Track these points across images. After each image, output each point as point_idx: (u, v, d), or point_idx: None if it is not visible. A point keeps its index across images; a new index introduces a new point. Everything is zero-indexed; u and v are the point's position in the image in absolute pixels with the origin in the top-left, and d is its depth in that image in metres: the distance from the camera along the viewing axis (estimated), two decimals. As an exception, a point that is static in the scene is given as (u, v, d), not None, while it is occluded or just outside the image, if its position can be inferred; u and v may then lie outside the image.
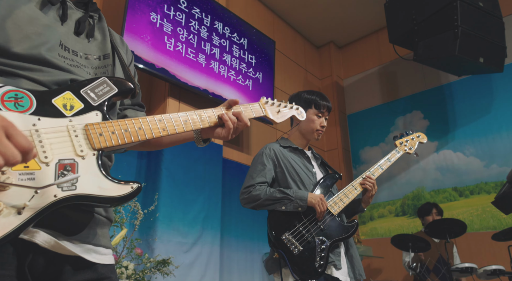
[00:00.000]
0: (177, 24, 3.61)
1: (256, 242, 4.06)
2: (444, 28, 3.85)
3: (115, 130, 0.81)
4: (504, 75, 4.36)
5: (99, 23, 1.05)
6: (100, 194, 0.74)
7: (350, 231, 1.90)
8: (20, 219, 0.64)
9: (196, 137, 1.10)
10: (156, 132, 0.88)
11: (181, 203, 3.21)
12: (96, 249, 0.86)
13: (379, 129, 5.50)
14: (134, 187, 0.78)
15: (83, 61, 0.94)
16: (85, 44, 0.97)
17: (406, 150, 2.22)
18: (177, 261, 2.72)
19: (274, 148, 2.06)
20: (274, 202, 1.87)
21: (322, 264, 1.76)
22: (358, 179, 2.06)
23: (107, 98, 0.84)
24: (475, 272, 3.32)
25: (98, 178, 0.75)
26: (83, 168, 0.74)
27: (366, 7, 5.45)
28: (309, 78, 5.95)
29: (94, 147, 0.77)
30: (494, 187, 4.31)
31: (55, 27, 0.90)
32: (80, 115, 0.79)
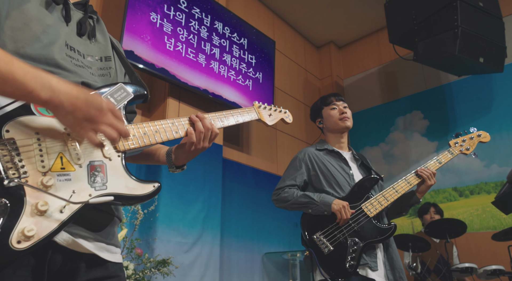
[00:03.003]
0: (177, 24, 3.61)
1: (256, 242, 4.06)
2: (444, 28, 3.85)
3: (135, 133, 0.88)
4: (504, 75, 4.36)
5: (99, 25, 1.06)
6: (128, 193, 0.80)
7: (386, 233, 1.90)
8: (63, 216, 0.69)
9: (168, 163, 1.10)
10: (170, 135, 0.95)
11: (181, 203, 3.21)
12: (108, 247, 0.89)
13: (379, 129, 5.49)
14: (156, 186, 0.84)
15: (87, 62, 0.95)
16: (87, 45, 0.98)
17: (462, 151, 2.09)
18: (177, 261, 2.72)
19: (309, 152, 2.12)
20: (300, 206, 1.94)
21: (353, 264, 1.78)
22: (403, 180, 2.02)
23: (125, 103, 0.90)
24: (475, 272, 3.32)
25: (125, 178, 0.81)
26: (111, 169, 0.80)
27: (366, 7, 5.45)
28: (309, 78, 5.95)
29: (118, 149, 0.83)
30: (494, 187, 4.31)
31: (61, 27, 0.92)
32: None
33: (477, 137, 2.13)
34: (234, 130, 4.41)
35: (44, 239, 0.66)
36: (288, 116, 1.39)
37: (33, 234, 0.63)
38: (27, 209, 0.65)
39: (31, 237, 0.63)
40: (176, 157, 1.08)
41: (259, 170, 4.46)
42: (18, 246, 0.61)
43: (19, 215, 0.64)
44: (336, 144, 2.20)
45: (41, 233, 0.65)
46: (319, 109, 2.26)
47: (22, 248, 0.62)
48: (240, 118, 1.16)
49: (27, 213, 0.65)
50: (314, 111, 2.30)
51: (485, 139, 2.12)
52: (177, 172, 1.10)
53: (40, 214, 0.66)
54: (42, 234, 0.65)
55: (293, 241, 4.47)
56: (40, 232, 0.65)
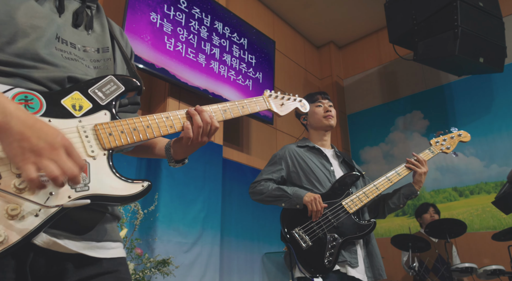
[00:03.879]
0: (177, 24, 3.61)
1: (256, 242, 4.06)
2: (444, 28, 3.85)
3: (124, 129, 0.82)
4: (504, 75, 4.36)
5: (98, 14, 1.01)
6: (112, 193, 0.75)
7: (366, 230, 1.91)
8: (37, 220, 0.65)
9: (167, 157, 1.04)
10: (163, 129, 0.88)
11: (181, 203, 3.21)
12: (100, 244, 0.85)
13: (379, 129, 5.49)
14: (145, 185, 0.79)
15: (81, 54, 0.91)
16: (83, 36, 0.94)
17: (442, 150, 2.10)
18: (177, 261, 2.72)
19: (290, 149, 2.13)
20: (274, 199, 1.96)
21: (331, 260, 1.78)
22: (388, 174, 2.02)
23: (114, 97, 0.84)
24: (475, 272, 3.32)
25: (110, 178, 0.76)
26: (94, 168, 0.75)
27: (366, 7, 5.45)
28: (309, 78, 5.95)
29: (104, 147, 0.78)
30: (494, 187, 4.31)
31: (52, 19, 0.87)
32: (89, 115, 0.79)
33: (457, 137, 2.15)
34: (234, 130, 4.41)
35: (16, 244, 0.63)
36: (303, 105, 1.30)
37: (2, 240, 0.61)
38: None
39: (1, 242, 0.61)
40: (174, 151, 1.02)
41: (259, 170, 4.44)
42: None
43: None
44: (319, 141, 2.20)
45: (12, 239, 0.62)
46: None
47: None
48: (247, 109, 1.08)
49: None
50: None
51: (466, 138, 2.14)
52: (177, 166, 1.04)
53: (11, 219, 0.63)
54: (13, 240, 0.62)
55: (293, 241, 4.46)
56: (11, 237, 0.62)
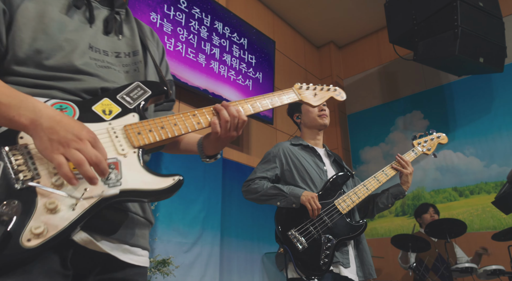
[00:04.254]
0: (177, 24, 3.61)
1: (256, 242, 4.06)
2: (444, 28, 3.85)
3: (152, 128, 0.85)
4: (504, 75, 4.36)
5: (127, 19, 1.06)
6: (144, 187, 0.77)
7: (358, 230, 1.90)
8: (74, 214, 0.69)
9: (199, 153, 1.06)
10: (191, 126, 0.91)
11: (181, 203, 3.21)
12: (132, 249, 0.88)
13: (379, 129, 5.49)
14: (176, 179, 0.80)
15: (114, 60, 0.95)
16: (114, 42, 0.98)
17: (424, 151, 2.17)
18: (177, 261, 2.72)
19: (283, 147, 2.10)
20: (269, 197, 1.93)
21: (326, 262, 1.77)
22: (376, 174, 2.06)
23: (142, 100, 0.89)
24: (475, 272, 3.32)
25: (141, 173, 0.79)
26: (126, 165, 0.78)
27: (366, 7, 5.45)
28: (309, 78, 5.95)
29: (134, 145, 0.81)
30: (494, 187, 4.31)
31: (83, 30, 0.92)
32: (118, 118, 0.84)
33: (436, 139, 2.22)
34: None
35: (56, 237, 0.66)
36: (339, 93, 1.30)
37: (41, 232, 0.64)
38: (38, 208, 0.67)
39: (40, 234, 0.64)
40: (205, 147, 1.04)
41: (259, 170, 4.46)
42: (28, 244, 0.63)
43: (30, 214, 0.65)
44: (312, 140, 2.19)
45: (51, 231, 0.66)
46: (298, 104, 2.23)
47: (32, 246, 0.63)
48: (276, 100, 1.08)
49: (38, 213, 0.66)
50: (293, 106, 2.26)
51: (443, 140, 2.22)
52: (210, 162, 1.07)
53: (50, 213, 0.67)
54: (52, 232, 0.66)
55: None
56: (50, 230, 0.66)
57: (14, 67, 0.83)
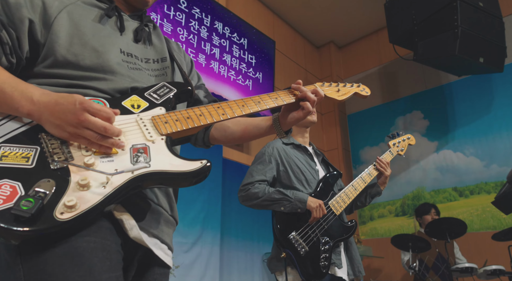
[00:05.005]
0: (177, 24, 3.61)
1: (256, 242, 4.06)
2: (444, 28, 3.85)
3: (178, 118, 0.91)
4: (504, 75, 4.36)
5: (155, 31, 1.13)
6: (173, 169, 0.80)
7: (350, 231, 1.92)
8: (105, 191, 0.73)
9: (276, 129, 1.11)
10: (216, 117, 0.95)
11: (181, 203, 3.19)
12: (162, 246, 0.91)
13: (379, 129, 5.49)
14: (204, 162, 0.83)
15: (144, 65, 1.02)
16: (143, 49, 1.05)
17: (398, 152, 2.28)
18: (177, 261, 2.72)
19: (277, 147, 2.05)
20: (272, 202, 1.86)
21: (326, 264, 1.77)
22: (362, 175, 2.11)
23: (168, 97, 0.95)
24: (475, 272, 3.32)
25: (169, 157, 0.82)
26: (154, 150, 0.82)
27: (366, 7, 5.45)
28: (309, 78, 5.95)
29: (161, 132, 0.86)
30: (494, 187, 4.31)
31: (115, 37, 0.99)
32: (146, 111, 0.90)
33: (407, 140, 2.32)
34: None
35: (88, 212, 0.70)
36: (363, 89, 1.30)
37: (74, 205, 0.69)
38: (71, 185, 0.72)
39: (72, 207, 0.68)
40: (282, 123, 1.10)
41: (259, 170, 4.46)
42: (61, 217, 0.68)
43: (64, 191, 0.71)
44: (300, 138, 2.17)
45: (83, 206, 0.70)
46: None
47: (65, 218, 0.68)
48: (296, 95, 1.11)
49: (71, 189, 0.71)
50: None
51: (412, 142, 2.33)
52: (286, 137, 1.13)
53: (82, 189, 0.72)
54: (85, 207, 0.70)
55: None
56: (82, 204, 0.70)
57: (49, 70, 0.89)
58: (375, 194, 2.17)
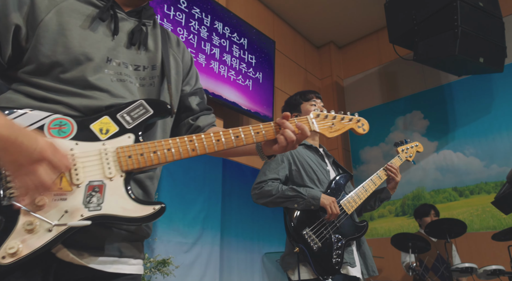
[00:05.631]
0: (177, 24, 3.61)
1: (256, 242, 4.06)
2: (444, 28, 3.85)
3: (144, 152, 0.86)
4: (504, 75, 4.36)
5: (153, 30, 1.06)
6: (123, 214, 0.79)
7: (362, 230, 1.96)
8: (49, 236, 0.73)
9: (259, 153, 1.06)
10: (184, 153, 0.90)
11: (181, 203, 3.21)
12: (122, 260, 0.89)
13: (379, 129, 5.49)
14: (156, 208, 0.82)
15: (132, 73, 0.97)
16: (135, 54, 0.99)
17: (407, 158, 2.32)
18: (177, 261, 2.72)
19: None
20: (286, 199, 1.89)
21: (338, 261, 1.80)
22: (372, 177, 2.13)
23: (142, 120, 0.89)
24: (475, 272, 3.32)
25: (123, 199, 0.81)
26: (110, 189, 0.80)
27: (366, 7, 5.45)
28: (309, 78, 5.95)
29: (122, 169, 0.83)
30: (494, 187, 4.31)
31: (104, 42, 0.94)
32: (113, 138, 0.85)
33: (415, 147, 2.39)
34: (234, 130, 4.40)
35: (28, 256, 0.70)
36: (361, 125, 1.20)
37: (15, 252, 0.69)
38: (18, 226, 0.71)
39: (13, 254, 0.69)
40: (264, 149, 1.04)
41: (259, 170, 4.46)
42: (1, 261, 0.68)
43: (10, 232, 0.71)
44: (311, 140, 2.20)
45: (24, 251, 0.70)
46: (298, 104, 2.21)
47: (5, 263, 0.68)
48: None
49: (17, 231, 0.71)
50: (292, 105, 2.23)
51: (420, 149, 2.41)
52: (270, 160, 1.07)
53: (28, 233, 0.71)
54: (25, 252, 0.70)
55: (293, 241, 4.46)
56: (24, 250, 0.70)
57: (28, 77, 0.86)
58: (384, 198, 2.19)
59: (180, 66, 1.11)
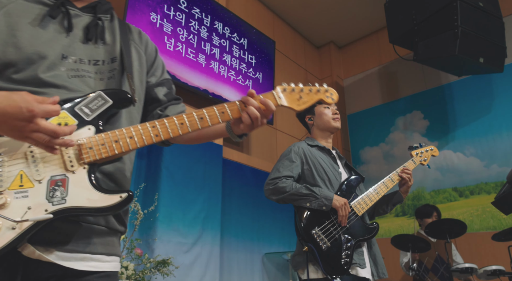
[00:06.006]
0: (177, 24, 3.61)
1: (256, 242, 4.06)
2: (444, 28, 3.85)
3: (105, 142, 0.84)
4: (504, 75, 4.36)
5: (111, 24, 1.05)
6: (89, 205, 0.79)
7: (372, 232, 1.96)
8: (13, 234, 0.72)
9: (229, 134, 1.06)
10: (148, 139, 0.88)
11: (181, 203, 3.21)
12: (94, 257, 0.87)
13: (379, 129, 5.49)
14: (123, 196, 0.81)
15: (91, 68, 0.95)
16: (93, 49, 0.97)
17: (421, 161, 2.32)
18: (177, 262, 2.72)
19: (303, 147, 2.11)
20: (299, 197, 1.90)
21: (347, 261, 1.81)
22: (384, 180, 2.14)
23: (101, 111, 0.87)
24: (475, 272, 3.32)
25: (88, 191, 0.80)
26: (73, 182, 0.79)
27: (366, 7, 5.45)
28: (309, 78, 5.95)
29: (84, 161, 0.82)
30: (494, 187, 4.31)
31: (57, 40, 0.92)
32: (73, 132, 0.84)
33: (430, 151, 2.38)
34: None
35: None
36: (330, 95, 1.12)
37: None
38: None
39: None
40: (234, 129, 1.03)
41: (259, 170, 4.46)
42: None
43: None
44: (324, 142, 2.21)
45: None
46: (312, 106, 2.25)
47: None
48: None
49: None
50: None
51: (435, 153, 2.38)
52: (241, 140, 1.06)
53: None
54: None
55: (293, 241, 4.46)
56: None
57: None
58: (397, 202, 2.19)
59: (143, 57, 1.09)
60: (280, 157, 2.12)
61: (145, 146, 0.89)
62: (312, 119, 2.25)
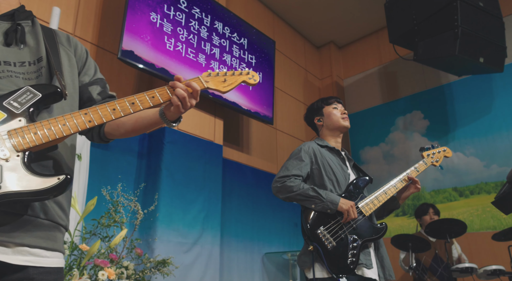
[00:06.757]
0: (177, 24, 3.61)
1: (256, 242, 4.06)
2: (444, 28, 3.85)
3: (37, 131, 0.86)
4: (504, 75, 4.36)
5: (33, 29, 1.07)
6: (25, 189, 0.79)
7: (380, 233, 1.96)
8: None
9: (163, 120, 1.08)
10: (81, 125, 0.91)
11: (181, 203, 3.21)
12: (32, 251, 0.87)
13: (379, 129, 5.49)
14: (61, 178, 0.81)
15: (17, 69, 0.96)
16: (17, 52, 0.99)
17: (432, 162, 2.32)
18: (177, 261, 2.72)
19: (313, 146, 2.12)
20: (305, 198, 1.91)
21: (353, 261, 1.81)
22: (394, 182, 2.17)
23: (31, 104, 0.88)
24: (475, 272, 3.32)
25: (24, 176, 0.80)
26: (7, 170, 0.80)
27: (366, 7, 5.45)
28: (309, 78, 5.95)
29: (17, 149, 0.82)
30: (494, 187, 4.31)
31: None
32: (3, 124, 0.84)
33: (443, 152, 2.37)
34: (234, 130, 4.41)
35: None
36: (252, 77, 1.21)
37: None
38: None
39: None
40: (167, 115, 1.07)
41: (259, 170, 4.47)
42: None
43: None
44: (334, 142, 2.22)
45: None
46: (320, 108, 2.29)
47: None
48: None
49: None
50: (314, 109, 2.31)
51: (448, 154, 2.37)
52: (176, 125, 1.10)
53: None
54: None
55: (293, 241, 4.47)
56: None
57: None
58: (393, 209, 2.24)
59: (72, 58, 1.12)
60: (290, 155, 2.13)
61: (78, 131, 0.91)
62: (321, 120, 2.27)
